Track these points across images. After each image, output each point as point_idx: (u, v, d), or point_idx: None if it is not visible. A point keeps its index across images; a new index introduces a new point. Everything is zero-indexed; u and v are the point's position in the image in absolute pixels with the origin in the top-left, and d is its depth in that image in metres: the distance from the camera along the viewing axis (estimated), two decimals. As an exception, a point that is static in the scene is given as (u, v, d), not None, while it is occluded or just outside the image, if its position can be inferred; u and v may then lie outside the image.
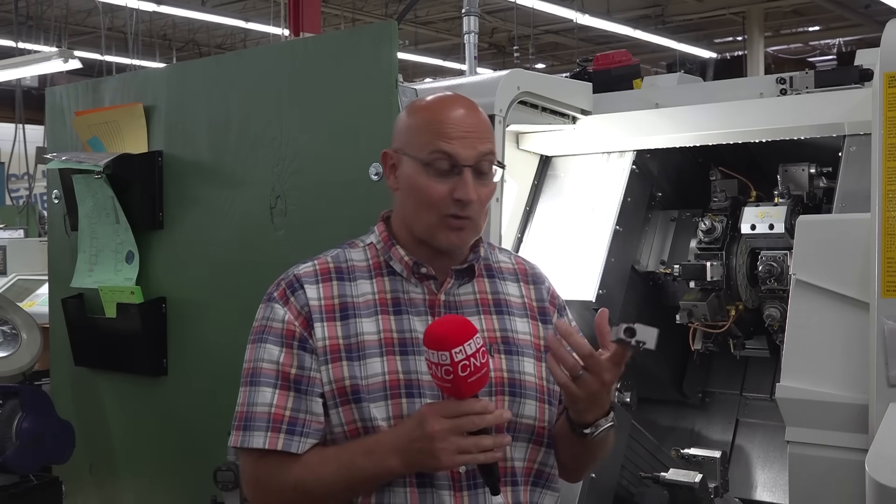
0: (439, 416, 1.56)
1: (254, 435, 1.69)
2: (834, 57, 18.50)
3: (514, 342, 1.79)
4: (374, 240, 1.82)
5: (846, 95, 2.68)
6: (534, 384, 1.78)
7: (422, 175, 1.71)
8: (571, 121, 3.05)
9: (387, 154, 1.80)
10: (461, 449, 1.56)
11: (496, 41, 18.31)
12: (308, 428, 1.70)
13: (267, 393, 1.70)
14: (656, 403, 3.40)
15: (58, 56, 7.85)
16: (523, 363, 1.78)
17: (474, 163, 1.71)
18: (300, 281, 1.75)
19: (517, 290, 1.87)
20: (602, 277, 2.84)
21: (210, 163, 2.91)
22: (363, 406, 1.68)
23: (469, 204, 1.70)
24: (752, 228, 2.90)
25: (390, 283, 1.77)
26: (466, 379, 1.54)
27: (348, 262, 1.79)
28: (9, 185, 11.69)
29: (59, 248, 3.41)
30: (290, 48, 3.17)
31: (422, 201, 1.72)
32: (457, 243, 1.75)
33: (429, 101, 1.80)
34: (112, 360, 3.17)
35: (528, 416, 1.76)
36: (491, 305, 1.81)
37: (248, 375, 1.74)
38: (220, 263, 2.88)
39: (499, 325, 1.79)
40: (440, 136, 1.70)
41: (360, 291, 1.75)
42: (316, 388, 1.70)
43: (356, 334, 1.71)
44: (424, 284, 1.77)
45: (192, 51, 17.85)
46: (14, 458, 2.99)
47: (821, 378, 2.24)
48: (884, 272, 2.14)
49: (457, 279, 1.79)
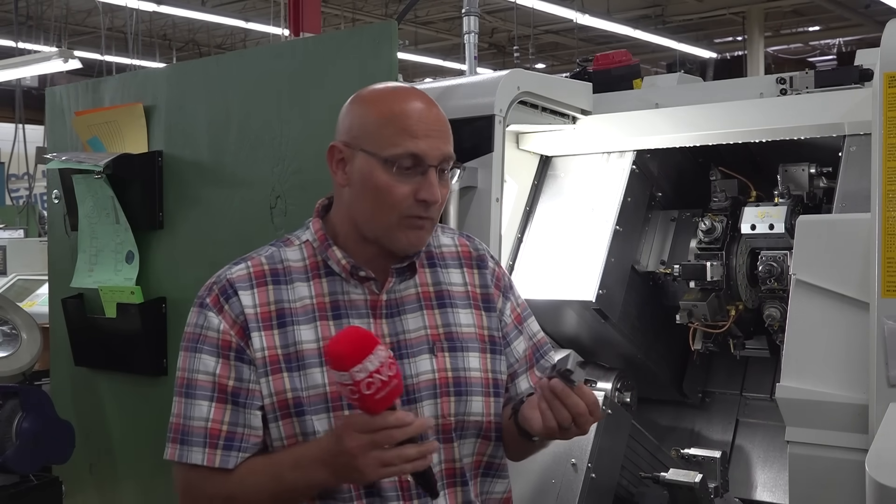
0: (354, 432, 1.49)
1: (192, 451, 1.64)
2: (834, 57, 18.50)
3: (458, 337, 1.74)
4: (309, 237, 1.74)
5: (846, 95, 2.68)
6: (479, 379, 1.73)
7: (382, 173, 1.62)
8: (571, 121, 3.05)
9: (335, 147, 1.69)
10: (384, 462, 1.48)
11: (496, 41, 18.31)
12: (246, 443, 1.64)
13: (203, 406, 1.64)
14: (656, 403, 3.40)
15: (58, 56, 7.85)
16: (468, 359, 1.73)
17: (439, 162, 1.64)
18: (234, 286, 1.68)
19: (460, 277, 1.79)
20: (602, 277, 2.84)
21: (210, 163, 2.91)
22: (306, 420, 1.62)
23: (433, 204, 1.64)
24: (752, 228, 2.90)
25: (328, 285, 1.69)
26: (373, 396, 1.45)
27: (284, 263, 1.71)
28: (9, 185, 11.69)
29: (59, 248, 3.41)
30: (290, 48, 3.17)
31: (382, 201, 1.63)
32: (416, 244, 1.68)
33: (384, 92, 1.70)
34: (112, 360, 3.17)
35: (476, 413, 1.72)
36: (433, 299, 1.74)
37: (182, 386, 1.67)
38: (220, 263, 2.85)
39: (441, 321, 1.73)
40: (406, 134, 1.61)
41: (298, 295, 1.67)
42: (255, 401, 1.64)
43: (294, 343, 1.64)
44: (365, 285, 1.70)
45: (192, 51, 17.86)
46: (14, 458, 2.99)
47: (821, 378, 2.24)
48: (884, 272, 2.13)
49: (398, 276, 1.72)
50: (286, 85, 2.70)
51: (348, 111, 1.71)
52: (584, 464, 2.57)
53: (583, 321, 2.88)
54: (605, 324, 2.89)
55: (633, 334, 3.06)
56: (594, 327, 2.90)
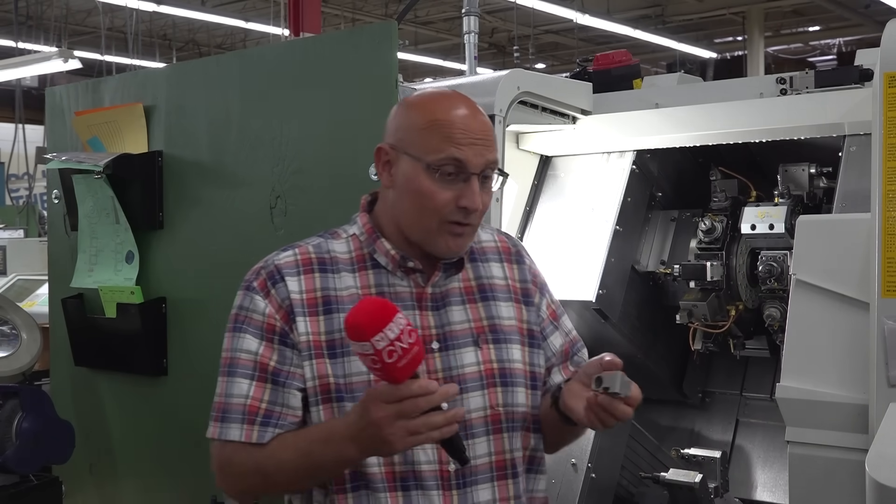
0: (380, 403, 1.50)
1: (231, 427, 1.67)
2: (834, 57, 18.50)
3: (501, 329, 1.77)
4: (357, 231, 1.77)
5: (846, 95, 2.68)
6: (521, 371, 1.77)
7: (425, 179, 1.66)
8: (571, 121, 3.05)
9: (382, 149, 1.73)
10: (411, 431, 1.49)
11: (496, 41, 18.31)
12: (283, 420, 1.67)
13: (244, 384, 1.68)
14: (656, 403, 3.40)
15: (58, 56, 7.86)
16: (511, 351, 1.77)
17: (481, 170, 1.67)
18: (281, 272, 1.71)
19: (500, 270, 1.83)
20: (602, 277, 2.84)
21: (210, 163, 2.91)
22: (344, 405, 1.65)
23: (474, 212, 1.67)
24: (752, 228, 2.90)
25: (374, 277, 1.72)
26: (396, 364, 1.47)
27: (330, 254, 1.74)
28: (9, 185, 11.70)
29: (59, 248, 3.41)
30: (290, 48, 3.17)
31: (424, 206, 1.67)
32: (455, 250, 1.72)
33: (432, 99, 1.74)
34: (112, 360, 3.17)
35: (521, 404, 1.75)
36: (476, 293, 1.78)
37: (226, 365, 1.71)
38: (220, 263, 2.88)
39: (485, 314, 1.77)
40: (450, 141, 1.65)
41: (344, 285, 1.71)
42: (295, 382, 1.68)
43: (339, 329, 1.65)
44: (411, 278, 1.73)
45: (192, 51, 17.86)
46: (14, 458, 2.99)
47: (821, 378, 2.24)
48: (884, 272, 2.14)
49: (445, 271, 1.75)
50: (286, 85, 2.70)
51: (395, 114, 1.75)
52: (584, 464, 2.58)
53: (583, 321, 2.88)
54: (605, 324, 2.89)
55: (633, 334, 3.06)
56: (594, 327, 2.90)
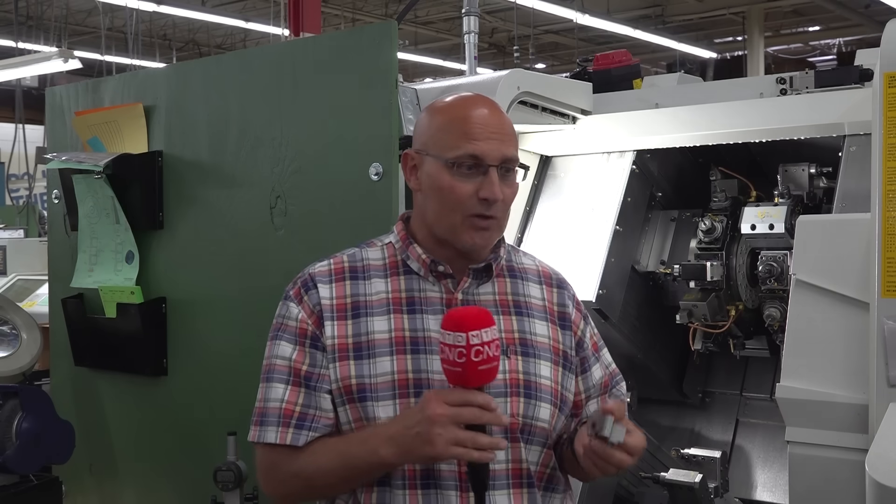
0: (442, 402, 1.56)
1: (268, 430, 1.72)
2: (834, 57, 18.50)
3: (532, 344, 1.79)
4: (392, 239, 1.83)
5: (846, 95, 2.68)
6: (549, 388, 1.77)
7: (446, 175, 1.71)
8: (571, 121, 3.05)
9: (407, 155, 1.80)
10: (457, 440, 1.54)
11: (496, 41, 18.32)
12: (317, 423, 1.72)
13: (279, 389, 1.73)
14: (656, 403, 3.40)
15: (58, 56, 7.85)
16: (540, 366, 1.77)
17: (499, 163, 1.71)
18: (314, 280, 1.77)
19: (539, 291, 1.86)
20: (602, 277, 2.84)
21: (210, 163, 2.91)
22: (367, 405, 1.69)
23: (495, 203, 1.70)
24: (752, 228, 2.90)
25: (406, 282, 1.77)
26: (477, 365, 1.53)
27: (364, 262, 1.80)
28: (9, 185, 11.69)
29: (59, 248, 3.41)
30: (290, 48, 3.17)
31: (446, 201, 1.71)
32: (480, 244, 1.74)
33: (451, 101, 1.80)
34: (112, 360, 3.17)
35: (543, 420, 1.76)
36: (511, 306, 1.80)
37: (265, 372, 1.77)
38: (220, 263, 2.88)
39: (517, 327, 1.79)
40: (466, 136, 1.70)
41: (374, 290, 1.76)
42: (325, 385, 1.72)
43: (366, 332, 1.72)
44: (442, 283, 1.77)
45: (192, 51, 17.85)
46: (14, 458, 2.98)
47: (821, 378, 2.24)
48: (884, 272, 2.14)
49: (475, 279, 1.78)
50: (286, 85, 2.70)
51: (420, 120, 1.82)
52: (584, 464, 2.57)
53: (583, 321, 2.88)
54: (605, 324, 2.89)
55: (633, 334, 3.06)
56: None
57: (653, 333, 3.17)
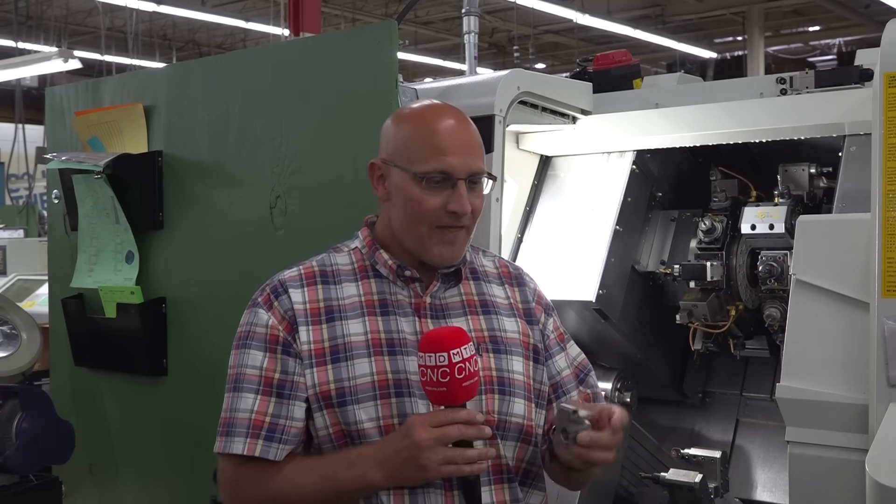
0: (427, 426, 1.57)
1: (234, 441, 1.69)
2: (834, 57, 18.51)
3: (503, 340, 1.80)
4: (358, 244, 1.83)
5: (846, 95, 2.68)
6: (522, 382, 1.79)
7: (414, 188, 1.72)
8: (571, 121, 3.05)
9: (374, 165, 1.80)
10: (447, 459, 1.57)
11: (496, 41, 18.31)
12: (287, 434, 1.70)
13: (249, 399, 1.71)
14: (656, 403, 3.39)
15: (58, 56, 7.86)
16: (512, 361, 1.79)
17: (467, 176, 1.72)
18: (284, 286, 1.76)
19: (502, 291, 1.88)
20: (602, 277, 2.83)
21: (210, 163, 2.91)
22: (347, 409, 1.68)
23: (464, 215, 1.72)
24: (752, 228, 2.89)
25: (377, 285, 1.77)
26: (461, 382, 1.56)
27: (333, 266, 1.80)
28: (9, 185, 11.71)
29: (59, 248, 3.41)
30: (290, 48, 3.17)
31: (414, 214, 1.72)
32: (448, 258, 1.76)
33: (418, 109, 1.79)
34: (112, 360, 3.17)
35: (517, 415, 1.77)
36: (478, 306, 1.82)
37: (232, 381, 1.74)
38: (220, 263, 2.88)
39: (486, 325, 1.80)
40: (434, 150, 1.71)
41: (346, 294, 1.76)
42: (300, 393, 1.71)
43: (342, 335, 1.71)
44: (410, 287, 1.77)
45: (192, 51, 17.86)
46: (14, 458, 2.99)
47: (821, 378, 2.24)
48: (884, 272, 2.13)
49: (443, 283, 1.79)
50: (286, 85, 2.70)
51: (386, 129, 1.80)
52: (584, 464, 2.57)
53: (583, 321, 2.88)
54: (605, 324, 2.89)
55: (633, 334, 3.06)
56: (594, 327, 2.90)
57: (653, 333, 3.17)
